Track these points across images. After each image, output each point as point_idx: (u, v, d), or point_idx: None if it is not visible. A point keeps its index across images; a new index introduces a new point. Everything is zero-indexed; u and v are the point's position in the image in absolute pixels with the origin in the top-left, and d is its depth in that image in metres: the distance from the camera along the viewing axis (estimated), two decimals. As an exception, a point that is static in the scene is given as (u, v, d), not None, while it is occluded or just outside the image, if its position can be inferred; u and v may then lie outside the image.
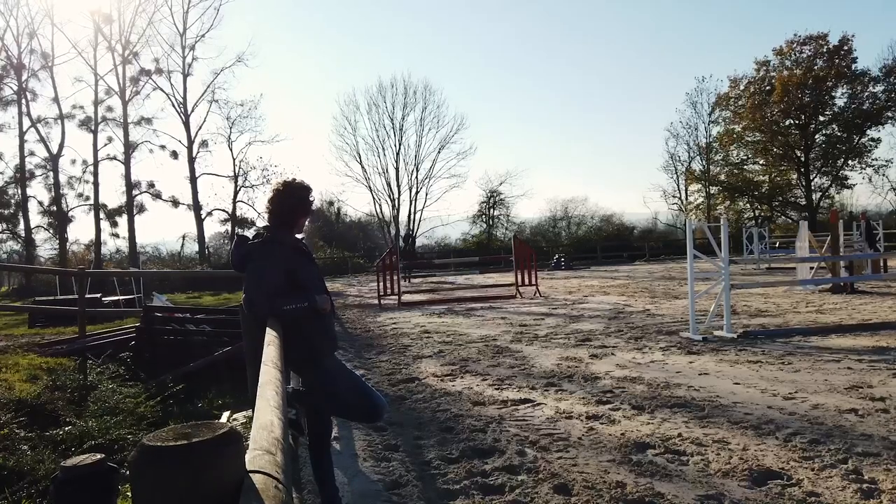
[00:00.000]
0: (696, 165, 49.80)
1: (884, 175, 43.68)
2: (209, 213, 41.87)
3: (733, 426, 5.06)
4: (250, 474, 0.94)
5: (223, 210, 42.35)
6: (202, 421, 1.00)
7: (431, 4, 79.96)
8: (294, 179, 3.60)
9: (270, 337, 2.53)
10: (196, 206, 40.77)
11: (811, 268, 16.26)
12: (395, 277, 17.59)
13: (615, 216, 50.24)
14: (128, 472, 0.91)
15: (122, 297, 18.20)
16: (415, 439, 5.13)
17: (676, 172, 50.61)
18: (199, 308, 12.56)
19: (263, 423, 1.19)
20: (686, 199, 50.36)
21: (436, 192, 48.95)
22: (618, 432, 5.05)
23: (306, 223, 3.78)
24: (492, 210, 49.46)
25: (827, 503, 3.60)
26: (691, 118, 49.85)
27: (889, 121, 42.92)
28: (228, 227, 41.68)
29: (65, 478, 1.15)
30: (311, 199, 3.58)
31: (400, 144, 47.34)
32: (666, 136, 50.84)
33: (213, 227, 44.29)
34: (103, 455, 1.21)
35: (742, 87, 46.26)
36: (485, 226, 49.41)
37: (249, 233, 3.74)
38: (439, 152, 47.49)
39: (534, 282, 18.15)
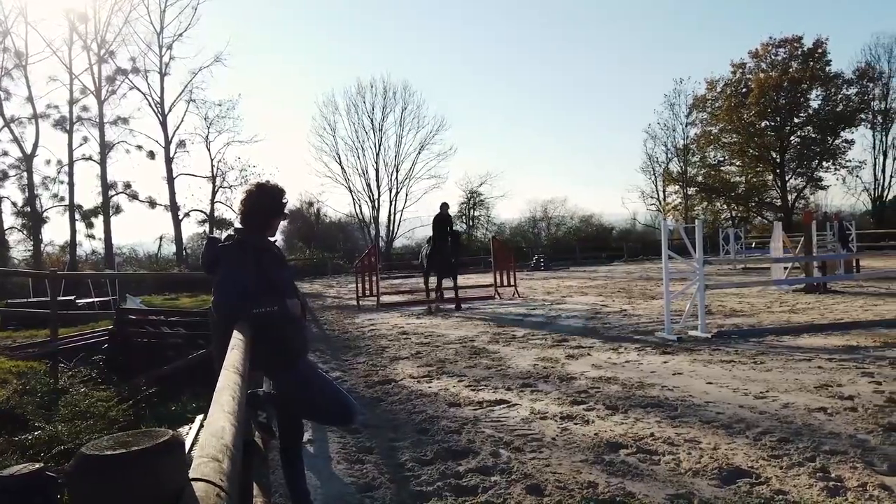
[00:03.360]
0: (674, 167, 50.27)
1: (857, 176, 44.45)
2: (187, 214, 41.53)
3: (705, 425, 5.11)
4: (193, 482, 0.94)
5: (201, 211, 42.04)
6: (145, 429, 0.99)
7: (409, 4, 79.97)
8: (267, 181, 3.58)
9: (236, 341, 2.51)
10: (173, 207, 40.41)
11: (785, 268, 16.48)
12: (375, 278, 17.55)
13: (594, 217, 50.54)
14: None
15: (96, 300, 17.98)
16: (389, 441, 5.12)
17: (654, 173, 51.06)
18: (174, 310, 12.43)
19: (214, 429, 1.18)
20: (664, 199, 50.81)
21: (416, 193, 49.04)
22: (591, 432, 5.08)
23: (280, 225, 3.75)
24: (472, 211, 49.60)
25: (793, 501, 3.64)
26: (669, 120, 50.22)
27: (862, 123, 43.69)
28: (206, 227, 41.34)
29: (1, 487, 1.13)
30: (283, 200, 3.56)
31: (379, 145, 47.40)
32: (644, 138, 51.11)
33: (190, 228, 43.78)
34: (42, 464, 1.19)
35: (718, 90, 46.81)
36: (465, 226, 49.46)
37: (223, 235, 3.70)
38: (419, 153, 47.66)
39: (513, 282, 18.21)
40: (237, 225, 3.64)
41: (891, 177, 43.80)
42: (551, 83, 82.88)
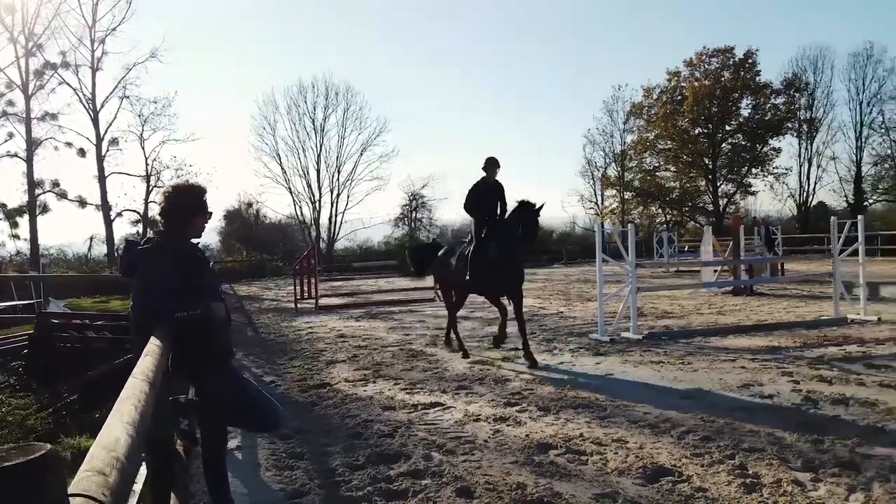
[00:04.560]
0: (612, 171, 51.35)
1: (784, 183, 46.27)
2: (119, 214, 40.14)
3: (632, 425, 5.24)
4: (71, 497, 0.91)
5: (134, 211, 40.68)
6: (21, 443, 0.95)
7: (353, 4, 79.27)
8: (186, 181, 3.51)
9: (151, 347, 2.44)
10: (105, 207, 39.01)
11: (715, 271, 17.04)
12: (313, 280, 17.34)
13: (535, 220, 50.96)
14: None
15: (19, 303, 17.20)
16: (321, 446, 5.06)
17: (593, 178, 52.02)
18: (101, 313, 12.00)
19: (107, 441, 1.14)
20: (602, 203, 51.84)
21: (358, 195, 48.48)
22: (523, 434, 5.14)
23: (204, 226, 3.64)
24: (414, 213, 49.55)
25: (713, 498, 3.77)
26: (607, 125, 51.26)
27: (789, 131, 45.55)
28: (140, 228, 40.07)
29: None
30: (203, 199, 3.47)
31: (321, 146, 46.85)
32: (583, 143, 52.04)
33: (123, 229, 42.19)
34: None
35: (655, 97, 48.04)
36: (407, 229, 49.44)
37: (143, 237, 3.59)
38: (361, 154, 47.28)
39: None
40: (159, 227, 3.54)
41: (815, 184, 45.84)
42: (494, 87, 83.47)
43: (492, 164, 8.56)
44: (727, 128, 46.26)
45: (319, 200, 47.13)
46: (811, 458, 4.29)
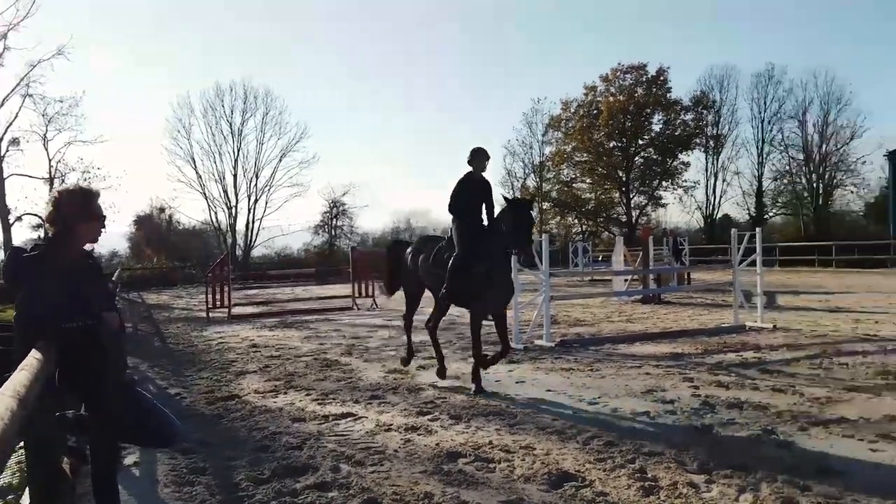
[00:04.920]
0: (531, 182, 52.44)
1: (692, 195, 48.46)
2: (18, 218, 37.97)
3: (540, 432, 5.33)
4: None
5: (35, 215, 38.49)
6: None
7: (275, 8, 77.74)
8: (76, 185, 3.35)
9: (29, 360, 2.30)
10: (2, 210, 36.82)
11: (626, 280, 17.63)
12: (227, 288, 16.87)
13: (455, 229, 51.39)
14: None
15: None
16: (226, 460, 4.89)
17: (512, 188, 52.95)
18: (-7, 324, 11.27)
19: (-50, 464, 1.06)
20: (521, 213, 52.72)
21: (276, 201, 47.54)
22: (433, 443, 5.14)
23: (97, 232, 3.44)
24: (334, 220, 49.06)
25: (613, 502, 3.87)
26: (527, 137, 52.42)
27: (697, 146, 47.81)
28: (41, 233, 37.97)
29: None
30: (92, 205, 3.30)
31: (238, 150, 45.76)
32: (503, 154, 52.96)
33: (23, 234, 39.91)
34: None
35: (572, 111, 49.44)
36: (327, 236, 48.91)
37: (30, 245, 3.39)
38: (280, 160, 46.46)
39: (371, 293, 18.20)
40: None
41: (720, 197, 48.21)
42: (413, 95, 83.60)
43: (479, 156, 7.24)
44: (640, 142, 48.15)
45: (236, 206, 46.07)
46: (706, 461, 4.46)
